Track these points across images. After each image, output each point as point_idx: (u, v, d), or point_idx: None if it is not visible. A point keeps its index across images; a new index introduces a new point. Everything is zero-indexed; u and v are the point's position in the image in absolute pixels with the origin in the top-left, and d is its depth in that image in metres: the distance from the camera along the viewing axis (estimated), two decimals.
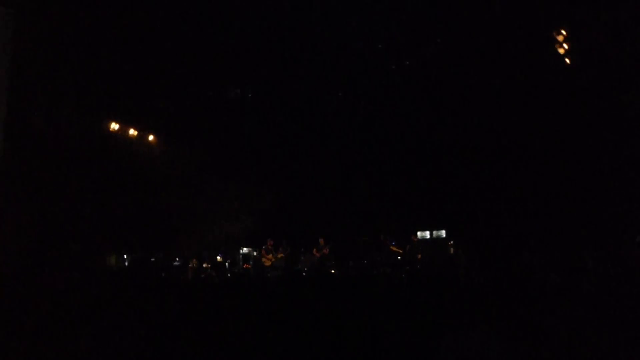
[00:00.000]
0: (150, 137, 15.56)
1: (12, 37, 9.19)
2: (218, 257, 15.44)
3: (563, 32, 11.61)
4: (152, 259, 14.53)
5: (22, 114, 9.84)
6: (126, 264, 14.10)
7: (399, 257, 13.94)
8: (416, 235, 13.66)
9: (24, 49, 9.64)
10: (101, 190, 12.51)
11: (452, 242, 13.40)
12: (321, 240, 14.12)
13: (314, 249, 14.13)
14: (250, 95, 15.98)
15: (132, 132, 14.90)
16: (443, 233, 13.25)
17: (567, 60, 11.68)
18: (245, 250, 15.16)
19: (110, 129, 14.17)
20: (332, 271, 12.29)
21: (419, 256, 13.36)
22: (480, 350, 3.61)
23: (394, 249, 14.09)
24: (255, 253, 15.15)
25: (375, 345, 4.00)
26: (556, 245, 11.12)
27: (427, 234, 13.41)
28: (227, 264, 15.15)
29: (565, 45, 11.61)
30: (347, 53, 14.04)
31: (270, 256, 13.81)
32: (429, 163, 15.02)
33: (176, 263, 14.80)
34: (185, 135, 15.77)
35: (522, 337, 3.95)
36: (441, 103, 14.24)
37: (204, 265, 14.62)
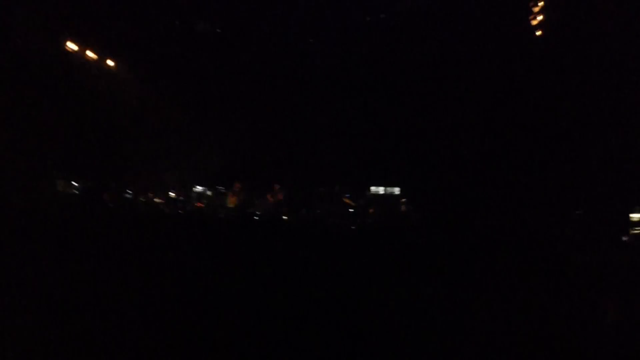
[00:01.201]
0: (110, 63, 14.93)
1: None
2: (171, 193, 15.29)
3: (540, 3, 11.66)
4: (103, 188, 14.24)
5: None
6: (75, 191, 13.76)
7: (350, 210, 14.19)
8: (370, 189, 13.88)
9: None
10: (54, 113, 12.02)
11: (404, 199, 13.72)
12: (275, 186, 14.15)
13: (268, 194, 14.17)
14: (219, 30, 15.44)
15: (91, 54, 14.23)
16: (397, 190, 13.53)
17: (538, 33, 11.80)
18: (199, 188, 15.05)
19: (67, 49, 13.48)
20: (284, 217, 12.43)
21: (371, 210, 13.64)
22: None
23: (347, 201, 14.30)
24: (209, 192, 15.07)
25: (319, 293, 4.12)
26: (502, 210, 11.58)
27: (380, 190, 13.66)
28: (179, 200, 15.04)
29: (539, 17, 11.70)
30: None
31: (234, 198, 13.74)
32: (390, 119, 15.11)
33: (127, 195, 14.57)
34: (148, 65, 15.22)
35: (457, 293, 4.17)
36: (408, 63, 14.21)
37: (156, 200, 14.48)
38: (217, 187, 15.30)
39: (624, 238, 9.21)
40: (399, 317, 3.94)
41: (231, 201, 13.68)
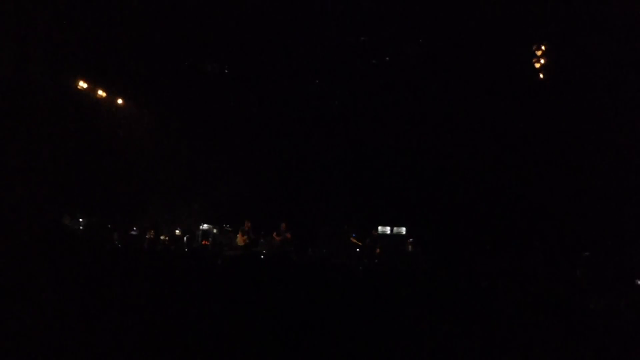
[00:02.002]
0: (119, 101, 15.19)
1: None
2: (177, 231, 15.26)
3: (542, 46, 11.84)
4: (109, 225, 14.24)
5: None
6: (81, 227, 13.76)
7: (357, 250, 14.07)
8: (377, 229, 13.80)
9: None
10: (62, 149, 12.14)
11: (411, 239, 13.61)
12: (283, 225, 14.08)
13: (274, 233, 14.10)
14: (227, 71, 15.72)
15: (101, 93, 14.49)
16: (403, 230, 13.45)
17: (541, 75, 11.94)
18: (205, 226, 15.02)
19: (79, 87, 13.75)
20: (291, 256, 12.31)
21: (378, 250, 13.52)
22: None
23: (354, 240, 14.21)
24: (215, 230, 15.03)
25: (325, 332, 4.03)
26: (507, 248, 11.47)
27: (387, 230, 13.57)
28: (185, 238, 14.98)
29: (542, 60, 11.85)
30: (329, 40, 13.94)
31: (245, 237, 13.63)
32: (396, 160, 15.17)
33: (133, 232, 14.55)
34: (157, 103, 15.46)
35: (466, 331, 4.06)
36: (413, 103, 14.36)
37: (162, 237, 14.43)
38: (223, 225, 15.27)
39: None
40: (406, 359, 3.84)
41: (241, 240, 13.58)
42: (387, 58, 14.66)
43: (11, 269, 4.38)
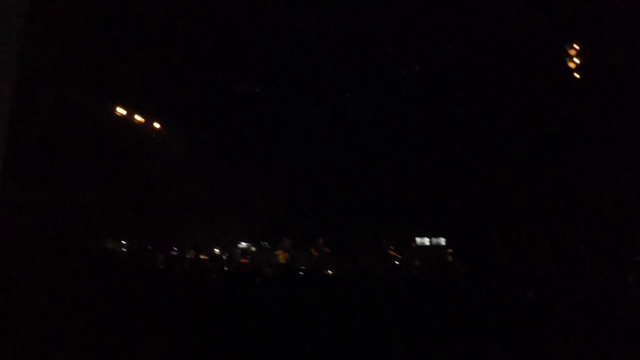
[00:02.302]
0: (157, 125, 15.57)
1: (23, 20, 9.20)
2: (216, 250, 15.42)
3: (576, 46, 11.57)
4: (150, 247, 14.52)
5: (30, 96, 9.85)
6: (124, 249, 14.09)
7: (396, 262, 13.88)
8: (415, 241, 13.59)
9: (33, 33, 9.63)
10: (103, 173, 12.51)
11: (450, 250, 13.34)
12: (320, 240, 14.06)
13: (312, 249, 14.07)
14: (259, 90, 15.94)
15: (139, 118, 14.91)
16: (442, 241, 13.20)
17: (577, 76, 11.64)
18: (243, 244, 15.12)
19: (117, 114, 14.19)
20: (330, 272, 12.26)
21: (417, 262, 13.31)
22: None
23: (392, 253, 14.03)
24: (253, 248, 15.11)
25: (365, 348, 3.98)
26: (554, 258, 11.09)
27: (426, 241, 13.35)
28: (224, 257, 15.12)
29: (576, 60, 11.58)
30: (357, 52, 13.98)
31: (286, 255, 13.71)
32: (434, 170, 14.97)
33: (174, 252, 14.78)
34: (191, 125, 15.78)
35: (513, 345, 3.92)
36: (448, 109, 14.19)
37: (202, 256, 14.60)
38: (261, 242, 15.34)
39: None
40: None
41: (282, 257, 13.64)
42: (417, 68, 14.60)
43: (60, 292, 4.50)
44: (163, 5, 12.36)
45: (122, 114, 14.38)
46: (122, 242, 14.42)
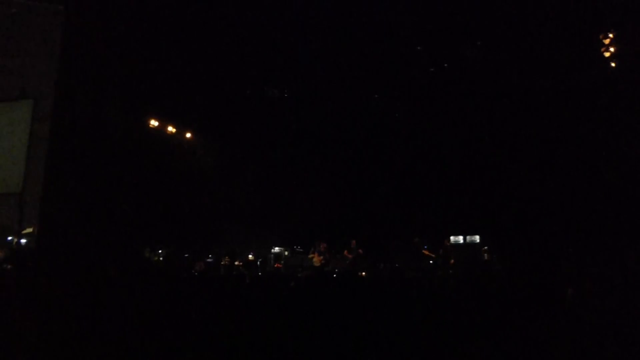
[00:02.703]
0: (188, 135, 15.88)
1: (60, 34, 9.53)
2: (250, 256, 15.62)
3: (610, 35, 11.27)
4: (186, 255, 14.81)
5: (68, 110, 10.17)
6: (160, 258, 14.41)
7: (431, 262, 13.77)
8: (449, 239, 13.44)
9: (71, 46, 9.96)
10: (140, 186, 12.81)
11: (485, 247, 13.15)
12: (353, 242, 14.07)
13: (345, 251, 14.09)
14: (286, 94, 16.08)
15: (171, 129, 15.24)
16: (477, 238, 13.02)
17: (613, 64, 11.33)
18: (276, 249, 15.27)
19: (150, 126, 14.53)
20: (363, 273, 12.24)
21: (452, 261, 13.17)
22: None
23: (427, 252, 13.92)
24: (286, 253, 15.24)
25: (402, 350, 3.97)
26: (593, 253, 10.76)
27: (460, 239, 13.20)
28: (258, 262, 15.29)
29: (611, 49, 11.27)
30: (384, 54, 13.96)
31: (321, 258, 13.83)
32: (465, 167, 14.81)
33: (209, 260, 15.03)
34: (224, 134, 16.03)
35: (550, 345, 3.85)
36: (480, 108, 14.01)
37: (236, 263, 14.81)
38: (294, 247, 15.46)
39: None
40: None
41: (317, 260, 13.74)
42: (446, 65, 14.47)
43: (98, 303, 4.63)
44: (191, 17, 12.60)
45: (154, 126, 14.71)
46: (159, 251, 14.76)
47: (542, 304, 5.19)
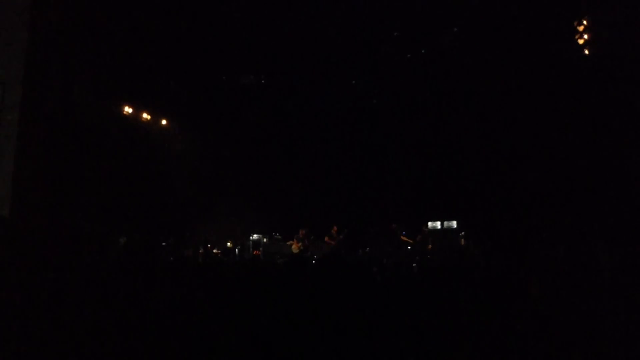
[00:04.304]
0: (164, 122, 15.62)
1: (29, 18, 9.22)
2: (228, 243, 15.51)
3: (584, 22, 11.34)
4: (163, 244, 14.62)
5: (37, 96, 9.89)
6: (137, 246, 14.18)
7: (409, 247, 13.88)
8: (427, 225, 13.55)
9: (40, 30, 9.65)
10: (113, 174, 12.58)
11: (463, 233, 13.28)
12: (334, 228, 14.12)
13: (326, 237, 14.13)
14: (263, 81, 15.93)
15: (146, 116, 14.95)
16: (454, 224, 13.12)
17: (586, 52, 11.42)
18: (255, 236, 15.20)
19: (124, 112, 14.23)
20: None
21: (429, 247, 13.28)
22: None
23: (404, 238, 14.01)
24: (265, 240, 15.18)
25: (380, 337, 3.96)
26: (567, 239, 10.91)
27: (437, 225, 13.29)
28: (237, 250, 15.20)
29: (585, 36, 11.35)
30: (362, 41, 13.90)
31: (299, 245, 13.84)
32: (441, 153, 14.90)
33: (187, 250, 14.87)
34: (199, 121, 15.82)
35: (527, 332, 3.88)
36: (455, 94, 14.08)
37: (214, 251, 14.69)
38: (272, 234, 15.41)
39: None
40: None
41: (296, 247, 13.75)
42: (423, 50, 14.48)
43: (77, 292, 4.52)
44: (165, 3, 12.34)
45: (128, 113, 14.43)
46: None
47: (510, 294, 5.21)
